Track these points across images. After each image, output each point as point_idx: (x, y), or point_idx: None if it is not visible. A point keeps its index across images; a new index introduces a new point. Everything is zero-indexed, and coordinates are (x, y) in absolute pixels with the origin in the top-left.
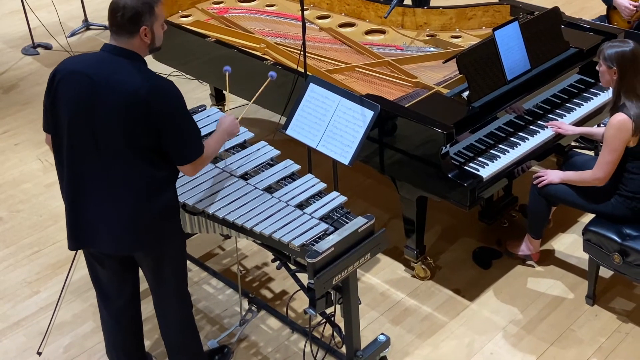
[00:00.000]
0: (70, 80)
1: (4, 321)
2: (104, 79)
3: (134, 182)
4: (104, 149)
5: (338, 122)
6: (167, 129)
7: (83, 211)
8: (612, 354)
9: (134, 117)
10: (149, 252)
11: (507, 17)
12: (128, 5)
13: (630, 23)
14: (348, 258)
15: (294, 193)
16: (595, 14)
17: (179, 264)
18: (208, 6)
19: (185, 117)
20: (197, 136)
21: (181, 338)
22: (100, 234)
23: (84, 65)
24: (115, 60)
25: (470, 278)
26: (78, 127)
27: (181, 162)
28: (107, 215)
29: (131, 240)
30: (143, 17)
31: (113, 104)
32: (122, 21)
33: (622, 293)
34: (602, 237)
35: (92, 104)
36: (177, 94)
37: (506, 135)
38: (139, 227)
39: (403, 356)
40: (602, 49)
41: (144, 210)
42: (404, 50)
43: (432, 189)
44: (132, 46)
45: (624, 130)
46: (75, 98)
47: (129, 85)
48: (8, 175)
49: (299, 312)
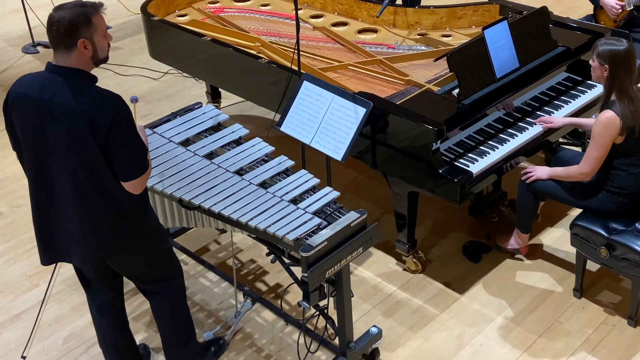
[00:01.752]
0: (19, 103)
1: (4, 314)
2: (47, 101)
3: (88, 198)
4: (59, 168)
5: (331, 119)
6: (111, 146)
7: (50, 228)
8: (599, 345)
9: (79, 137)
10: (122, 259)
11: (497, 17)
12: (63, 18)
13: (617, 22)
14: (341, 252)
15: (288, 188)
16: (583, 13)
17: (162, 260)
18: (204, 6)
19: (128, 134)
20: (142, 153)
21: (176, 331)
22: (67, 249)
23: (29, 88)
24: (56, 80)
25: (460, 271)
26: (33, 148)
27: (126, 178)
28: (70, 232)
29: (95, 253)
30: (80, 29)
31: (60, 127)
32: (57, 35)
33: (608, 286)
34: (589, 231)
35: (42, 127)
36: (122, 110)
37: (495, 132)
38: (108, 238)
39: (395, 348)
40: (597, 45)
41: (99, 223)
42: (395, 48)
43: (423, 185)
44: (73, 62)
45: (611, 127)
46: (25, 122)
47: (70, 107)
48: (9, 170)
49: (293, 305)
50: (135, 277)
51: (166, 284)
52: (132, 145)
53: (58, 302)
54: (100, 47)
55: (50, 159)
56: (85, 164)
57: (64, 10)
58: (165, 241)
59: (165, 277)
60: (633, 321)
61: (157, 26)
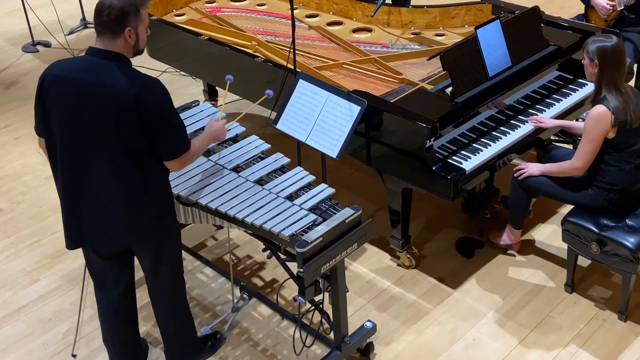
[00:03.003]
0: (58, 85)
1: (4, 308)
2: (92, 82)
3: (128, 181)
4: (96, 151)
5: (326, 117)
6: (156, 126)
7: (79, 211)
8: (590, 339)
9: (125, 118)
10: (147, 246)
11: (489, 16)
12: (114, 5)
13: (607, 22)
14: (336, 247)
15: (284, 185)
16: (574, 13)
17: (175, 256)
18: (201, 5)
19: (173, 114)
20: (183, 132)
21: (176, 325)
22: (98, 232)
23: (70, 70)
24: (101, 63)
25: (453, 267)
26: (70, 130)
27: (168, 157)
28: (103, 215)
29: (129, 236)
30: (129, 18)
31: (103, 107)
32: (107, 20)
33: (599, 281)
34: (580, 227)
35: (81, 107)
36: (165, 92)
37: (488, 130)
38: (136, 223)
39: (389, 342)
40: (587, 43)
41: (138, 208)
42: (389, 47)
43: (416, 181)
44: (117, 47)
45: (603, 121)
46: (64, 103)
47: (117, 88)
48: (9, 167)
49: (289, 300)
50: (150, 267)
51: (170, 280)
52: (175, 126)
53: (58, 297)
54: (141, 38)
55: (88, 140)
56: (127, 144)
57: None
58: (180, 238)
59: (172, 274)
60: (623, 316)
61: (155, 25)
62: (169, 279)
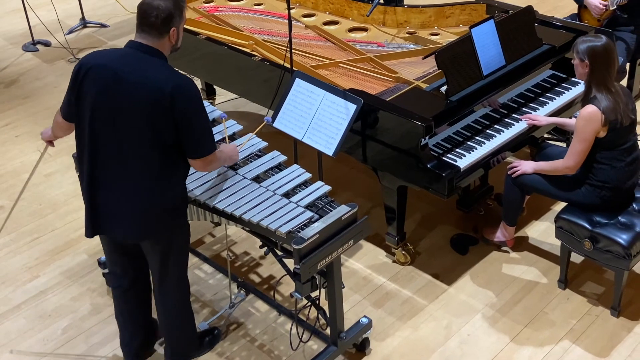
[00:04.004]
0: (95, 73)
1: (5, 304)
2: (129, 73)
3: (150, 175)
4: (124, 141)
5: (323, 115)
6: (186, 123)
7: (100, 199)
8: (582, 335)
9: (158, 111)
10: (157, 243)
11: (483, 16)
12: (162, 7)
13: (600, 21)
14: (332, 244)
15: (281, 182)
16: (567, 12)
17: (182, 255)
18: (199, 5)
19: (203, 115)
20: (210, 134)
21: (178, 324)
22: (114, 221)
23: (109, 60)
24: (140, 56)
25: (448, 263)
26: (102, 118)
27: (194, 155)
28: (121, 205)
29: (141, 230)
30: (175, 19)
31: (138, 98)
32: (156, 22)
33: (592, 277)
34: (573, 224)
35: (116, 97)
36: (197, 92)
37: (482, 128)
38: (150, 218)
39: (384, 337)
40: (576, 43)
41: (156, 202)
42: (385, 47)
43: (412, 179)
44: (158, 45)
45: (593, 121)
46: (99, 91)
47: (154, 81)
48: (9, 165)
49: (286, 296)
50: (157, 265)
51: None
52: (204, 125)
53: (57, 293)
54: (180, 37)
55: (118, 129)
56: (156, 136)
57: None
58: (189, 240)
59: (179, 274)
60: (616, 311)
61: None
62: (175, 279)
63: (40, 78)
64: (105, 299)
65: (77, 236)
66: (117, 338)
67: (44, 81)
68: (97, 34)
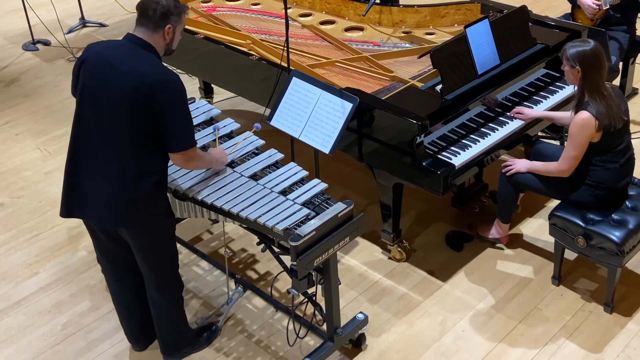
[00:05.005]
0: (91, 60)
1: (5, 300)
2: (120, 63)
3: (127, 162)
4: (104, 128)
5: (319, 114)
6: (164, 116)
7: (78, 182)
8: (576, 331)
9: (138, 100)
10: (132, 232)
11: (478, 15)
12: (162, 2)
13: (594, 21)
14: (328, 241)
15: (278, 180)
16: (561, 12)
17: (164, 247)
18: (197, 5)
19: (182, 110)
20: (189, 130)
21: (165, 316)
22: (89, 206)
23: (105, 48)
24: (133, 48)
25: (443, 260)
26: (91, 101)
27: (172, 149)
28: (98, 190)
29: (111, 217)
30: (171, 17)
31: (122, 86)
32: (153, 15)
33: (585, 274)
34: (567, 221)
35: (104, 83)
36: (180, 87)
37: (477, 126)
38: (122, 206)
39: (380, 333)
40: (565, 50)
41: (129, 190)
42: (381, 46)
43: (407, 177)
44: (153, 40)
45: (587, 127)
46: (90, 76)
47: (139, 71)
48: (9, 163)
49: (283, 292)
50: (137, 255)
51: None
52: (182, 120)
53: (57, 290)
54: (176, 39)
55: (104, 114)
56: (135, 124)
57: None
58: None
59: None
60: (609, 307)
61: None
62: (162, 271)
63: (40, 77)
64: (104, 295)
65: (77, 233)
66: (116, 334)
67: (43, 80)
68: (96, 34)
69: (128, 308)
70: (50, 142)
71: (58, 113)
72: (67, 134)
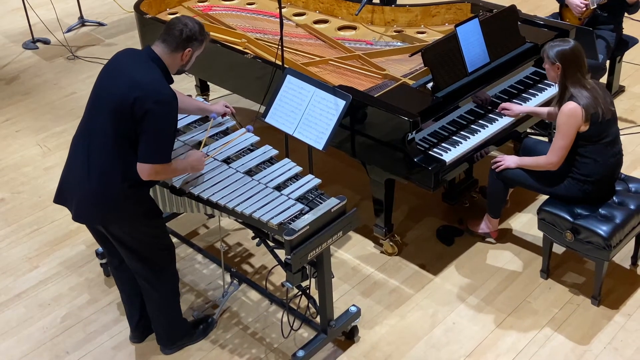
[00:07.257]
0: (109, 62)
1: (5, 293)
2: (125, 68)
3: (110, 163)
4: (96, 127)
5: (313, 111)
6: (142, 126)
7: (69, 173)
8: (564, 323)
9: (125, 106)
10: (108, 231)
11: (468, 14)
12: (190, 25)
13: (581, 20)
14: (322, 235)
15: (273, 176)
16: (549, 11)
17: (149, 244)
18: (193, 4)
19: (163, 125)
20: (168, 146)
21: (157, 310)
22: (70, 201)
23: (124, 55)
24: (145, 61)
25: (434, 254)
26: (90, 100)
27: (144, 159)
28: (79, 187)
29: (92, 215)
30: (194, 42)
31: (116, 90)
32: (178, 35)
33: (573, 268)
34: (555, 216)
35: (106, 85)
36: (168, 106)
37: (467, 123)
38: (101, 206)
39: (372, 326)
40: (545, 49)
41: (110, 191)
42: (373, 44)
43: (399, 172)
44: (169, 59)
45: (574, 117)
46: (100, 77)
47: (135, 80)
48: (10, 159)
49: (277, 285)
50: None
51: (153, 274)
52: (159, 135)
53: (57, 283)
54: (190, 62)
55: (102, 111)
56: (119, 127)
57: (192, 21)
58: (155, 227)
59: (152, 266)
60: (597, 300)
61: (150, 24)
62: (142, 263)
63: (39, 75)
64: (103, 288)
65: (76, 228)
66: (115, 326)
67: (43, 78)
68: (95, 32)
69: (128, 296)
70: (49, 139)
71: (57, 110)
72: (66, 130)
